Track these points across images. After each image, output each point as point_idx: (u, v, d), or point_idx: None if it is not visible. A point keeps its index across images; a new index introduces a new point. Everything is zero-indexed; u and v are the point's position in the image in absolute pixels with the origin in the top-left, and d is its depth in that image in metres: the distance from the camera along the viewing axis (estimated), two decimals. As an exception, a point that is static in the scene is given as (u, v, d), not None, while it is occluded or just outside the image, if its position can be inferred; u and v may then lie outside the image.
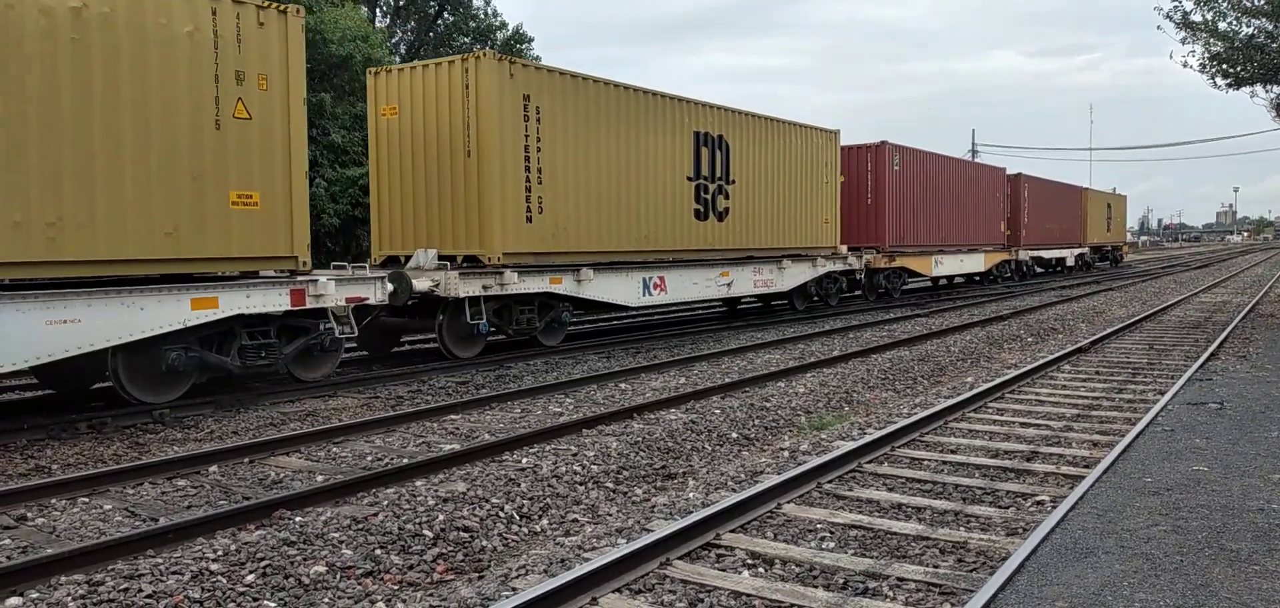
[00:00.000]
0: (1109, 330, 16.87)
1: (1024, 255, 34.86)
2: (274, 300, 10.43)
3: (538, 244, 14.14)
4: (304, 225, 10.71)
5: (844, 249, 22.88)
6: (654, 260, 16.46)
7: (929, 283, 29.86)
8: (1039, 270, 37.90)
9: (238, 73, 9.92)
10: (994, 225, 31.76)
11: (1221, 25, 19.32)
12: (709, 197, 17.66)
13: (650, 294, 16.29)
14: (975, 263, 30.62)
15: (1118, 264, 50.47)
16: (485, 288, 13.25)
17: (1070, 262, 41.06)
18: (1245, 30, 19.32)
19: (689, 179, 17.11)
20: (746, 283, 19.03)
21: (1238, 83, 19.96)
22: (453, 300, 12.94)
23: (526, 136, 13.81)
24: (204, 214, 9.76)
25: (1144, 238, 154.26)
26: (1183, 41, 19.98)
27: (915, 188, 25.94)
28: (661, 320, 21.11)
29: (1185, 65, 20.33)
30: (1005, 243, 32.96)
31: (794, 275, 20.68)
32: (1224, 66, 19.71)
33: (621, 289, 15.78)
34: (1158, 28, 19.82)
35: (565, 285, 14.55)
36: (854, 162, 24.54)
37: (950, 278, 31.18)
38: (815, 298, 22.42)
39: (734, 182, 18.32)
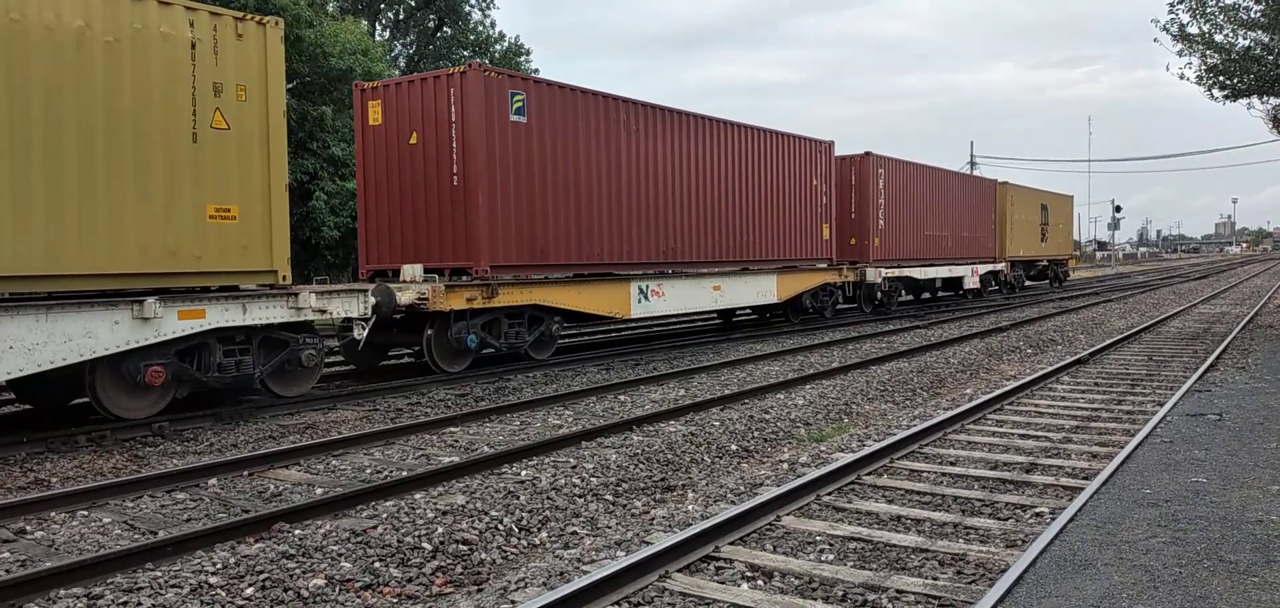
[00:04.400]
0: (1108, 342, 16.88)
1: (877, 274, 24.16)
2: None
3: None
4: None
5: (369, 286, 12.09)
6: None
7: (656, 327, 20.93)
8: (908, 297, 28.26)
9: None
10: (810, 229, 21.48)
11: (1217, 37, 19.38)
12: None
13: None
14: (757, 290, 19.70)
15: (1060, 283, 40.80)
16: None
17: (972, 283, 30.25)
18: (1241, 42, 19.40)
19: None
20: None
21: (1234, 94, 20.01)
22: None
23: None
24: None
25: (1143, 249, 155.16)
26: (1180, 54, 20.06)
27: (587, 162, 14.80)
28: None
29: (1182, 77, 20.36)
30: (834, 256, 22.64)
31: (56, 344, 8.70)
32: (1221, 78, 19.76)
33: None
34: (1155, 40, 19.89)
35: None
36: (425, 106, 13.55)
37: (674, 317, 20.04)
38: (207, 384, 10.17)
39: None
